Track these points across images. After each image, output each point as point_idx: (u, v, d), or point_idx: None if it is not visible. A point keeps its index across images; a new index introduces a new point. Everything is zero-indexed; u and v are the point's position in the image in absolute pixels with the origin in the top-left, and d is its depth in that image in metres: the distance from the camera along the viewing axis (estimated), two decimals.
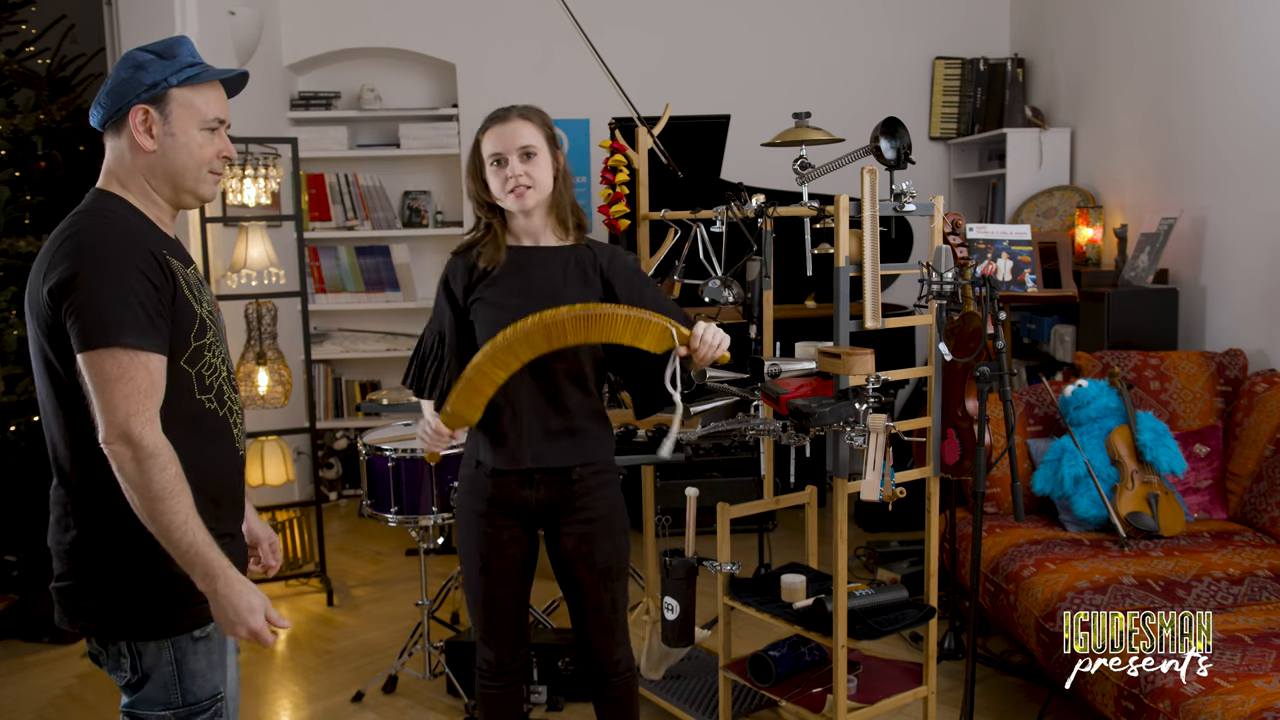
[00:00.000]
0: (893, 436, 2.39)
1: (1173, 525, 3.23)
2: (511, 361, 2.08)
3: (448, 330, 2.29)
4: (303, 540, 4.43)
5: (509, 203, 2.21)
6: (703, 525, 2.79)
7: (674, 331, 2.09)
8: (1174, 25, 4.13)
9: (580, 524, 2.27)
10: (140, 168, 1.75)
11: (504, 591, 2.31)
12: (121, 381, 1.61)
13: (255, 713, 3.29)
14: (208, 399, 1.77)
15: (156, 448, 1.63)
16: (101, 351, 1.60)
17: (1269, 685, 2.22)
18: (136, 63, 1.73)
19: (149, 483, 1.62)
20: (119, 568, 1.73)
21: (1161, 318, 3.92)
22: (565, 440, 2.24)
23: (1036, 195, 4.84)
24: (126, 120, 1.73)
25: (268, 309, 4.21)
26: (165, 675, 1.77)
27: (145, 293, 1.64)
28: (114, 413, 1.61)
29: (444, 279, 2.30)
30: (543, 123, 2.24)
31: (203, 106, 1.76)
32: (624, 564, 2.34)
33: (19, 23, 4.28)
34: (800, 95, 5.33)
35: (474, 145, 2.26)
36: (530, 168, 2.18)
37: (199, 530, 1.66)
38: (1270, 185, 3.60)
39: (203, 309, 1.77)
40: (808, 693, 2.73)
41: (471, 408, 2.12)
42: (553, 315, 2.04)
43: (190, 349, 1.73)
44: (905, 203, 2.58)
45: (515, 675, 2.40)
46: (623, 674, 2.38)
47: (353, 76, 5.65)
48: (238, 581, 1.69)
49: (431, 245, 5.74)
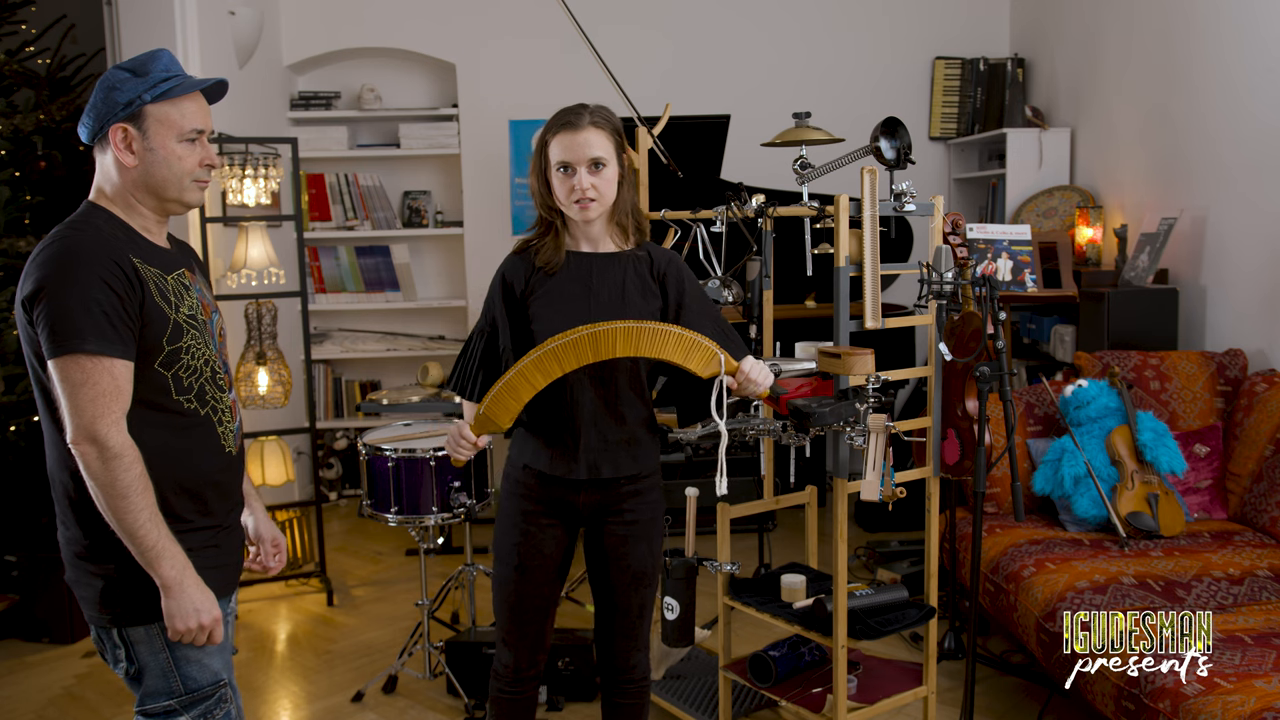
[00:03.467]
0: (893, 436, 2.39)
1: (1173, 525, 3.23)
2: (555, 369, 2.05)
3: (501, 329, 2.25)
4: (303, 540, 4.44)
5: (573, 211, 2.17)
6: (703, 525, 2.79)
7: (722, 359, 2.09)
8: (1174, 26, 4.13)
9: (623, 525, 2.27)
10: (125, 182, 1.82)
11: (535, 592, 2.29)
12: (86, 386, 1.69)
13: (255, 713, 3.30)
14: (185, 399, 1.83)
15: (121, 448, 1.71)
16: (66, 358, 1.69)
17: (1269, 685, 2.22)
18: (111, 83, 1.80)
19: (114, 481, 1.70)
20: (108, 558, 1.80)
21: (1161, 318, 3.92)
22: (621, 451, 2.23)
23: (1036, 195, 4.84)
24: (109, 139, 1.80)
25: (268, 309, 4.21)
26: (161, 663, 1.83)
27: (109, 302, 1.71)
28: (80, 415, 1.69)
29: (501, 276, 2.26)
30: (614, 129, 2.19)
31: (179, 119, 1.81)
32: (656, 569, 2.34)
33: (19, 23, 4.28)
34: (800, 95, 5.33)
35: (540, 144, 2.21)
36: (598, 180, 2.15)
37: (161, 527, 1.75)
38: (1270, 185, 3.60)
39: (179, 314, 1.82)
40: (808, 693, 2.73)
41: (505, 412, 2.08)
42: (605, 327, 2.02)
43: (164, 352, 1.79)
44: (905, 203, 2.58)
45: (531, 683, 2.37)
46: (637, 681, 2.38)
47: (353, 76, 5.65)
48: (192, 585, 1.78)
49: (431, 245, 5.74)
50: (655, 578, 2.34)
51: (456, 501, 3.29)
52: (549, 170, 2.18)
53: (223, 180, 4.19)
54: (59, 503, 1.84)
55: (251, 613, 4.11)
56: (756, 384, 2.12)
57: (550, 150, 2.17)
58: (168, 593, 1.76)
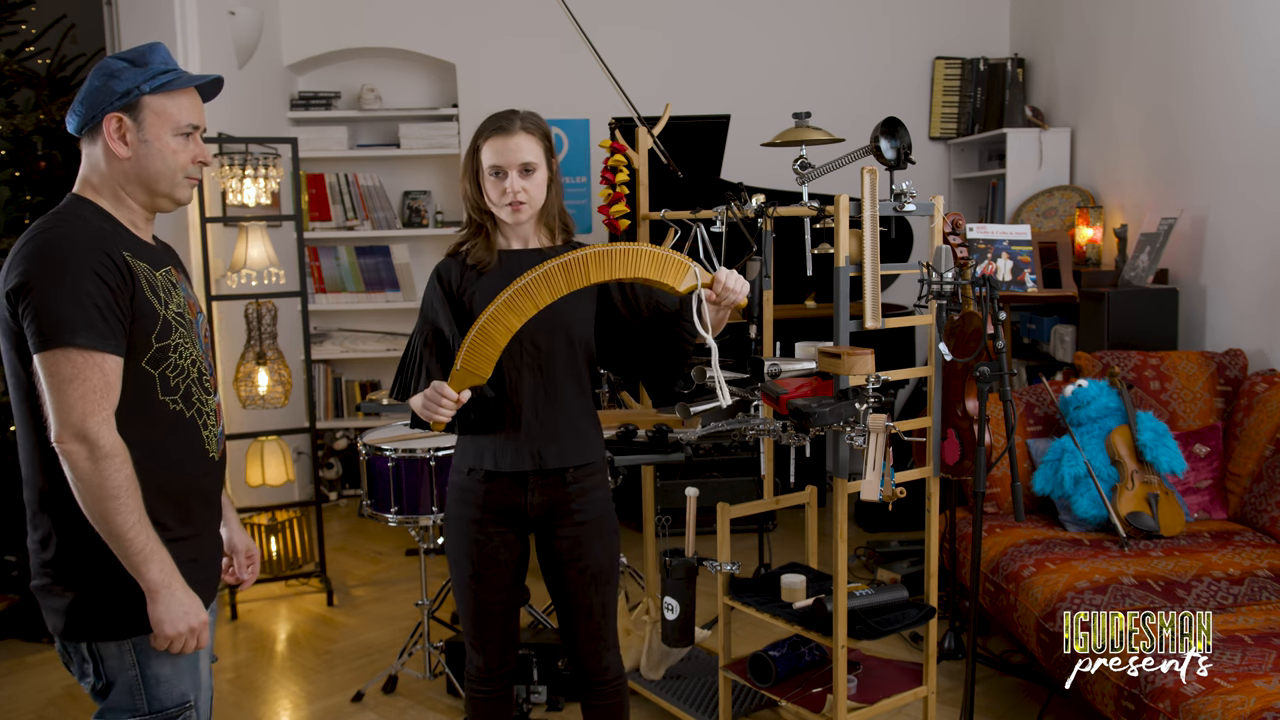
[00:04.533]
0: (893, 436, 2.39)
1: (1173, 525, 3.23)
2: (529, 306, 2.05)
3: (444, 323, 2.27)
4: (303, 540, 4.43)
5: (505, 214, 2.24)
6: (703, 525, 2.79)
7: (697, 270, 2.09)
8: (1174, 26, 4.13)
9: (573, 527, 2.27)
10: (115, 174, 1.77)
11: (494, 598, 2.31)
12: (76, 381, 1.63)
13: (255, 713, 3.30)
14: (172, 400, 1.77)
15: (114, 447, 1.65)
16: (56, 352, 1.63)
17: (1269, 685, 2.22)
18: (109, 71, 1.75)
19: (104, 482, 1.63)
20: (83, 567, 1.73)
21: (1161, 318, 3.92)
22: (565, 437, 2.25)
23: (1036, 195, 4.84)
24: (101, 128, 1.75)
25: (268, 309, 4.21)
26: (129, 680, 1.77)
27: (100, 295, 1.65)
28: (69, 412, 1.63)
29: (436, 277, 2.30)
30: (543, 134, 2.25)
31: (176, 113, 1.77)
32: (614, 567, 2.34)
33: (19, 23, 4.28)
34: (800, 95, 5.33)
35: (472, 149, 2.26)
36: (528, 183, 2.21)
37: (149, 529, 1.68)
38: (1270, 185, 3.60)
39: (169, 310, 1.76)
40: (808, 693, 2.73)
41: (483, 360, 2.08)
42: (575, 255, 2.02)
43: (152, 350, 1.73)
44: (905, 203, 2.58)
45: (504, 680, 2.40)
46: (612, 681, 2.37)
47: (353, 76, 5.65)
48: (180, 589, 1.72)
49: (431, 245, 5.74)
50: (614, 574, 2.34)
51: None
52: (481, 174, 2.24)
53: (223, 180, 4.19)
54: (31, 505, 1.77)
55: (251, 613, 4.11)
56: (734, 292, 2.12)
57: (482, 154, 2.23)
58: (155, 597, 1.69)
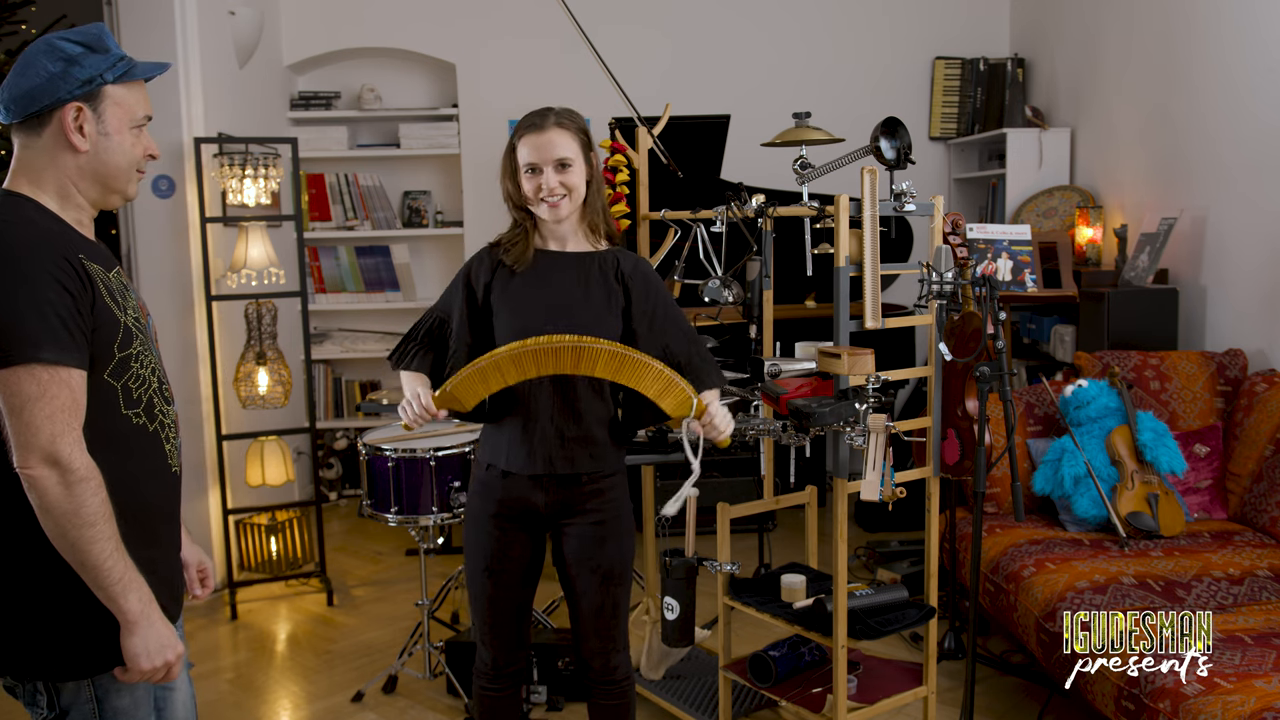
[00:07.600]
0: (893, 436, 2.39)
1: (1173, 525, 3.23)
2: (530, 370, 2.08)
3: (456, 320, 2.29)
4: (303, 540, 4.43)
5: (542, 211, 2.23)
6: (703, 525, 2.79)
7: (694, 402, 2.11)
8: (1174, 26, 4.13)
9: (587, 526, 2.27)
10: (66, 168, 1.62)
11: (507, 594, 2.31)
12: (43, 400, 1.48)
13: (255, 713, 3.30)
14: (135, 414, 1.64)
15: (88, 470, 1.51)
16: (18, 369, 1.48)
17: (1269, 685, 2.22)
18: (66, 55, 1.59)
19: (79, 508, 1.50)
20: (38, 602, 1.60)
21: (1161, 318, 3.91)
22: (578, 449, 2.24)
23: (1036, 195, 4.84)
24: (52, 117, 1.59)
25: (268, 309, 4.22)
26: (85, 714, 1.64)
27: (62, 304, 1.50)
28: (36, 434, 1.48)
29: (467, 268, 2.33)
30: (579, 129, 2.25)
31: (134, 105, 1.65)
32: (627, 568, 2.34)
33: (19, 23, 4.28)
34: (800, 95, 5.33)
35: (509, 147, 2.26)
36: (565, 178, 2.20)
37: (125, 557, 1.56)
38: (1270, 185, 3.60)
39: (127, 316, 1.63)
40: (808, 693, 2.73)
41: (470, 395, 2.11)
42: (591, 344, 2.04)
43: (114, 360, 1.59)
44: (905, 203, 2.58)
45: (513, 679, 2.40)
46: (620, 682, 2.37)
47: (353, 76, 5.65)
48: (158, 619, 1.60)
49: (431, 245, 5.74)
50: (627, 576, 2.35)
51: (456, 501, 3.29)
52: (518, 173, 2.24)
53: (223, 180, 4.19)
54: None
55: (251, 613, 4.11)
56: (718, 430, 2.15)
57: (519, 153, 2.23)
58: (133, 629, 1.56)
